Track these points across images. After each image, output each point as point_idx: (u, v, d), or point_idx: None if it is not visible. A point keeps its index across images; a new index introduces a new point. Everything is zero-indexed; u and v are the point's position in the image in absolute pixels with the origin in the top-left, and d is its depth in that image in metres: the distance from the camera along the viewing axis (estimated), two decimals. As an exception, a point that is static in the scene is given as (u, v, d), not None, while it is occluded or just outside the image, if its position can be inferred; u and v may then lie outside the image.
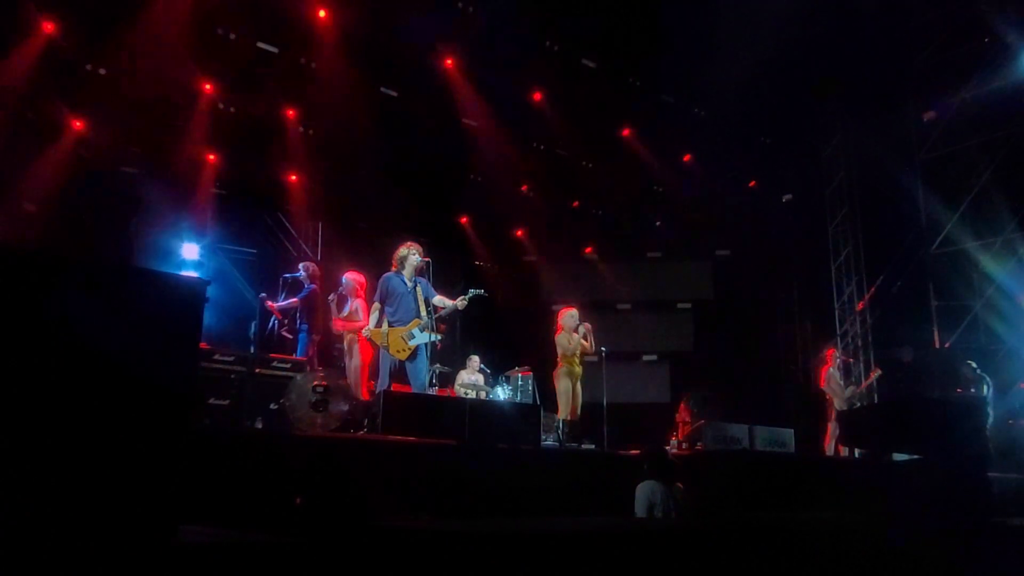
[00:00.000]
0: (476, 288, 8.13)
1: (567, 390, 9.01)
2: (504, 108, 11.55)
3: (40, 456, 1.95)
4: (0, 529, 1.85)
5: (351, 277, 8.95)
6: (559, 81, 11.61)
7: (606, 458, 7.63)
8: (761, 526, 3.97)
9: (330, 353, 10.13)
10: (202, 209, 11.41)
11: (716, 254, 15.47)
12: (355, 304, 8.80)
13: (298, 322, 9.17)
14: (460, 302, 7.87)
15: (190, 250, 9.90)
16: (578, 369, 9.16)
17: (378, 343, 7.68)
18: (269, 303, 8.95)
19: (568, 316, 9.34)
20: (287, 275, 9.46)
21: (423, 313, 7.70)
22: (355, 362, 8.67)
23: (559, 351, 9.22)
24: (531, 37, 10.69)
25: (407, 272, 7.86)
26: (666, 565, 3.12)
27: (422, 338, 7.65)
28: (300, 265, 9.49)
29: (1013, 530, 4.59)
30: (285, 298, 9.30)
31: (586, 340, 9.23)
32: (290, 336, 9.21)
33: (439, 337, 8.16)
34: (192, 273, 10.01)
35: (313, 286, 9.22)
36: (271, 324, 9.19)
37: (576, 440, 9.11)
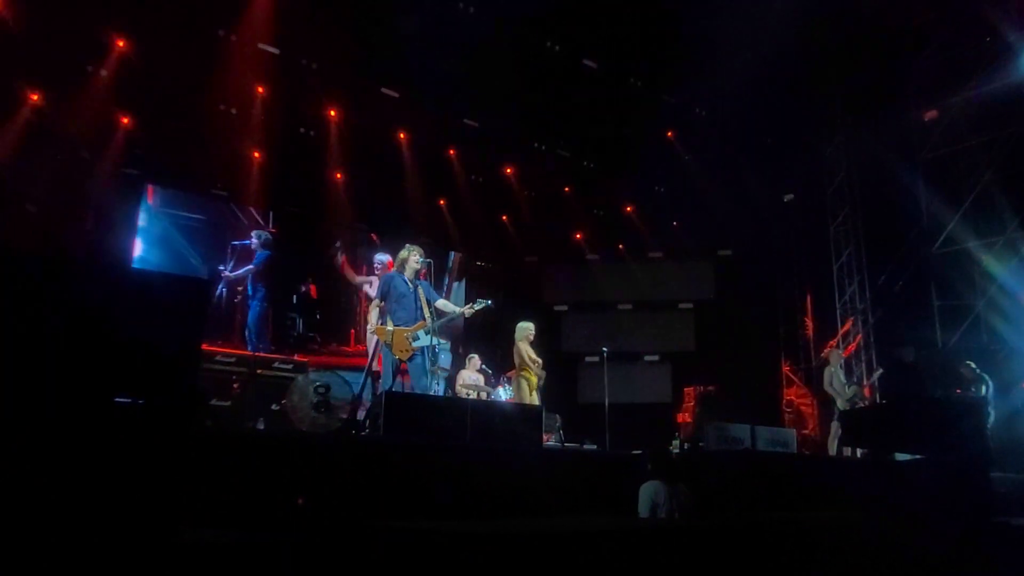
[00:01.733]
0: (484, 300, 8.22)
1: (520, 399, 9.15)
2: (505, 109, 11.55)
3: (43, 457, 1.95)
4: (3, 529, 1.85)
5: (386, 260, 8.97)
6: (560, 82, 11.61)
7: (608, 458, 7.63)
8: (764, 526, 3.98)
9: (282, 323, 10.06)
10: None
11: (718, 254, 15.48)
12: None
13: (251, 290, 9.06)
14: (467, 310, 8.01)
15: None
16: (534, 379, 9.29)
17: (382, 340, 7.69)
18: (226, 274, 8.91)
19: (522, 328, 9.50)
20: (236, 242, 9.32)
21: (427, 315, 7.74)
22: None
23: (517, 360, 9.38)
24: (533, 38, 10.69)
25: (408, 274, 7.90)
26: (669, 565, 3.12)
27: (426, 340, 7.69)
28: (252, 232, 9.37)
29: (1015, 530, 4.59)
30: (234, 267, 9.18)
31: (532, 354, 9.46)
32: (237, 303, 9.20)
33: (442, 342, 8.19)
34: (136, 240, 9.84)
35: (268, 252, 9.10)
36: (219, 292, 9.11)
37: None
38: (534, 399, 9.25)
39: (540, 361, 9.43)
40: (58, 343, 2.04)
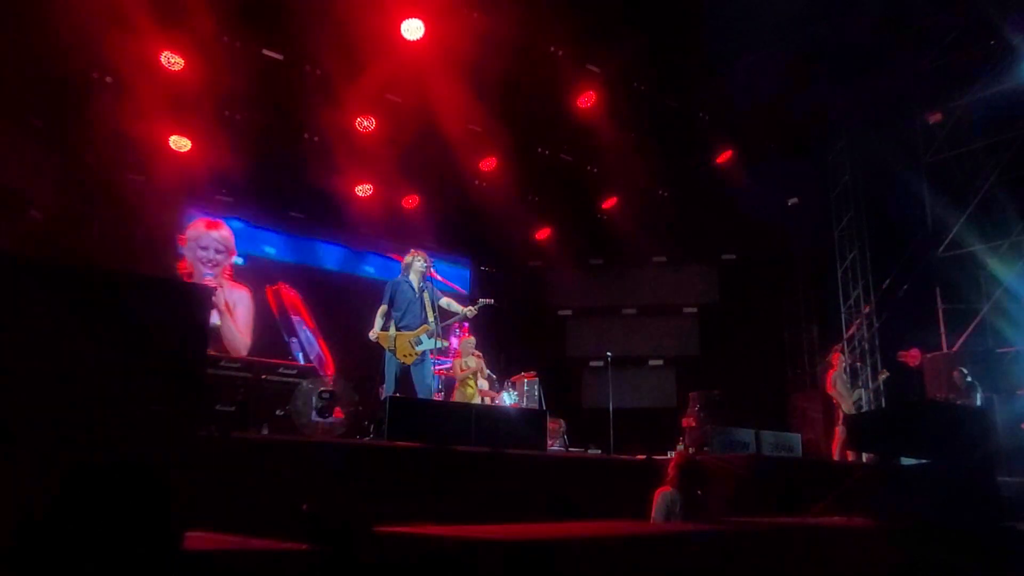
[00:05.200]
0: (485, 298, 8.30)
1: None
2: (508, 113, 11.55)
3: (44, 465, 1.95)
4: (4, 537, 1.85)
5: None
6: (563, 85, 11.62)
7: (613, 463, 7.62)
8: (769, 530, 3.96)
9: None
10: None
11: (722, 258, 15.45)
12: None
13: None
14: (469, 310, 8.18)
15: None
16: (471, 391, 9.47)
17: (385, 346, 7.72)
18: None
19: (464, 343, 9.78)
20: None
21: (431, 319, 7.78)
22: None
23: (455, 370, 9.62)
24: (535, 41, 10.70)
25: (414, 278, 7.95)
26: (676, 569, 3.11)
27: (429, 344, 7.72)
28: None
29: (1022, 535, 4.56)
30: None
31: (481, 372, 9.68)
32: None
33: (446, 344, 8.22)
34: None
35: None
36: None
37: None
38: None
39: (475, 368, 9.63)
40: (60, 349, 2.05)
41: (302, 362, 11.54)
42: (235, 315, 9.88)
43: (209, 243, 9.90)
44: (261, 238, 12.52)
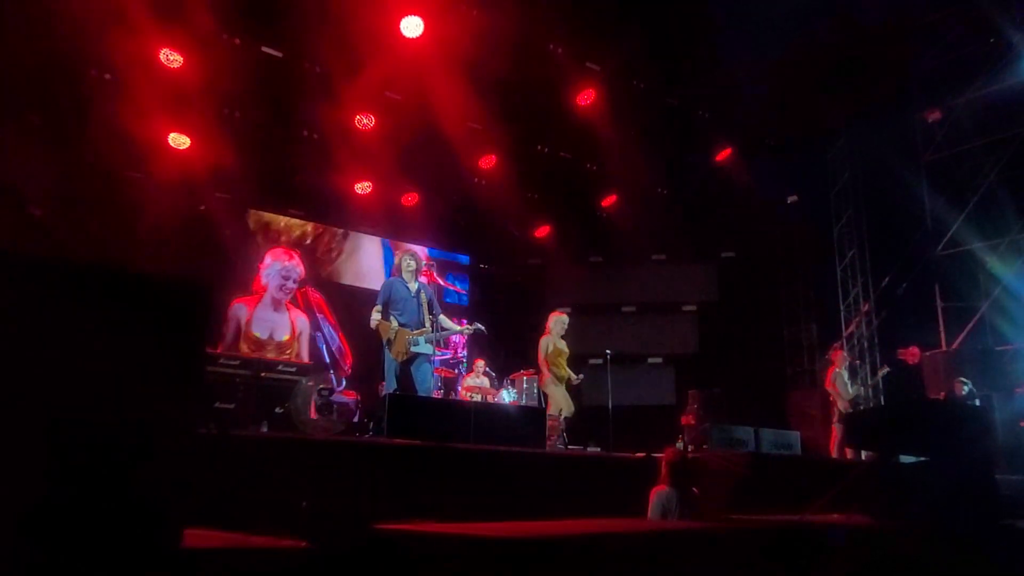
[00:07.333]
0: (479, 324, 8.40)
1: (559, 394, 9.01)
2: (507, 112, 11.54)
3: (41, 463, 1.95)
4: (3, 536, 1.85)
5: None
6: (563, 83, 11.61)
7: (612, 461, 7.62)
8: (769, 530, 3.96)
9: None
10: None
11: (721, 256, 15.44)
12: None
13: None
14: (465, 328, 8.40)
15: None
16: (564, 372, 9.18)
17: (383, 336, 7.69)
18: None
19: (557, 321, 9.32)
20: None
21: (427, 323, 7.79)
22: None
23: (541, 355, 9.18)
24: (535, 42, 10.69)
25: (407, 277, 7.96)
26: (673, 567, 3.11)
27: (425, 349, 7.72)
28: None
29: (1021, 532, 4.56)
30: None
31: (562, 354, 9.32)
32: None
33: (431, 348, 8.18)
34: None
35: None
36: None
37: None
38: (568, 402, 9.14)
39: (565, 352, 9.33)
40: (57, 347, 2.04)
41: (326, 355, 12.19)
42: (303, 341, 10.47)
43: (290, 273, 10.60)
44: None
